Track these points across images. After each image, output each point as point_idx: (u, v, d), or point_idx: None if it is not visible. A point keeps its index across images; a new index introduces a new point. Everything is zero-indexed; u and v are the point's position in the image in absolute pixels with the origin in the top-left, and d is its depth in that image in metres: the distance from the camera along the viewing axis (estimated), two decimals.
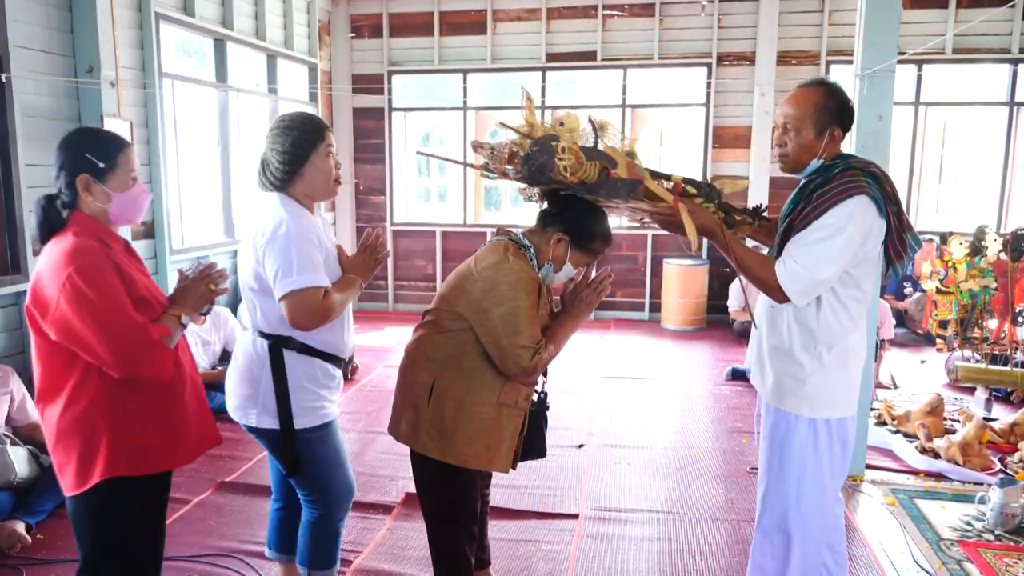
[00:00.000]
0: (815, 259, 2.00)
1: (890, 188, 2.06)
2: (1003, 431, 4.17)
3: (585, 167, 1.96)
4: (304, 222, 2.08)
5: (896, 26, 3.55)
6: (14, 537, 2.98)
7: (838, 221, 1.99)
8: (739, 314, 6.80)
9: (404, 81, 8.17)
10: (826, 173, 2.09)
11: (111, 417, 1.84)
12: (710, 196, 2.19)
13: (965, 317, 5.30)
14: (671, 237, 7.66)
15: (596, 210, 2.19)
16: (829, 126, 2.08)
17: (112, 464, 1.83)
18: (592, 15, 7.54)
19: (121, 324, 1.78)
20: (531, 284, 2.08)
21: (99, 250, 1.84)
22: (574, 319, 2.21)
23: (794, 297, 2.05)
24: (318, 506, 2.30)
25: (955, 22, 6.90)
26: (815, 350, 2.10)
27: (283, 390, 2.13)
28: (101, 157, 1.88)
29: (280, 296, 2.01)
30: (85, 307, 1.75)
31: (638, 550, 3.07)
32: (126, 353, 1.78)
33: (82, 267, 1.77)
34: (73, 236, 1.83)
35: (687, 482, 3.75)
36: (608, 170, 1.98)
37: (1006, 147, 7.19)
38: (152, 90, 5.01)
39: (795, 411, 2.15)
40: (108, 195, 1.90)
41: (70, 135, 1.92)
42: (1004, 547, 3.06)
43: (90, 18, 4.39)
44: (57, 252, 1.81)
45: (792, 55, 7.28)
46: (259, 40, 6.43)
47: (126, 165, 1.92)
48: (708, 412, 4.86)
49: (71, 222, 1.88)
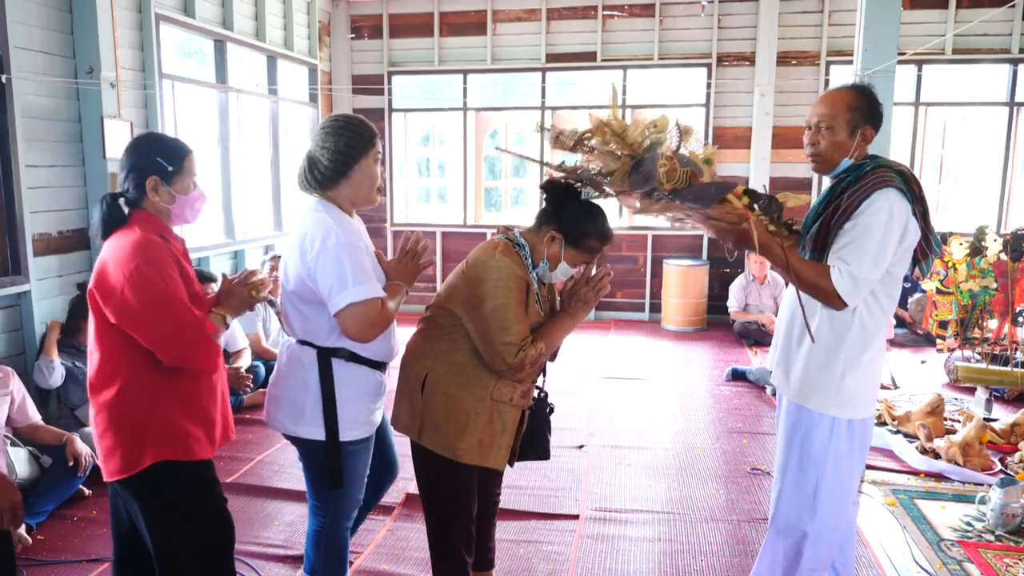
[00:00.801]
0: (862, 258, 2.01)
1: (918, 189, 2.09)
2: (1003, 431, 4.17)
3: (679, 175, 1.96)
4: (350, 230, 2.07)
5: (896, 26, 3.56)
6: (15, 538, 2.97)
7: (879, 218, 2.00)
8: (739, 314, 6.79)
9: (404, 82, 8.17)
10: (856, 172, 2.11)
11: (162, 403, 1.95)
12: (768, 210, 2.12)
13: (965, 317, 5.30)
14: (671, 237, 7.71)
15: (591, 208, 2.19)
16: (861, 125, 2.12)
17: (162, 447, 1.93)
18: (592, 15, 7.54)
19: (181, 315, 1.91)
20: (517, 281, 2.07)
21: (163, 245, 1.97)
22: (571, 317, 2.19)
23: (849, 300, 2.03)
24: (327, 516, 2.26)
25: (955, 22, 6.90)
26: (852, 349, 2.11)
27: (331, 401, 2.10)
28: (170, 161, 2.02)
29: (337, 311, 1.98)
30: (150, 296, 1.87)
31: (638, 551, 3.07)
32: (183, 343, 1.91)
33: (149, 259, 1.90)
34: (140, 231, 1.95)
35: (687, 482, 3.75)
36: (695, 176, 1.98)
37: (1006, 147, 7.19)
38: (152, 91, 5.01)
39: (820, 409, 2.15)
40: (173, 196, 2.04)
41: (142, 138, 2.09)
42: (1004, 547, 3.05)
43: (90, 19, 4.39)
44: (126, 243, 1.92)
45: (792, 55, 7.28)
46: (259, 41, 6.44)
47: (190, 170, 2.07)
48: (708, 413, 4.86)
49: (135, 219, 2.00)
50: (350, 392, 2.11)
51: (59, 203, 4.38)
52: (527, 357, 2.05)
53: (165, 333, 1.89)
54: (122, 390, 1.94)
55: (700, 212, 2.06)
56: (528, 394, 2.23)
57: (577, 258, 2.19)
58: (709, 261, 7.47)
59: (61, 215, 4.40)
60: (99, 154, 4.47)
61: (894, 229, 2.00)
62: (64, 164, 4.41)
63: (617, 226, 7.82)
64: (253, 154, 6.72)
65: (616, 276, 7.88)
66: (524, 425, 2.27)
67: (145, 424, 1.93)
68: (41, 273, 4.23)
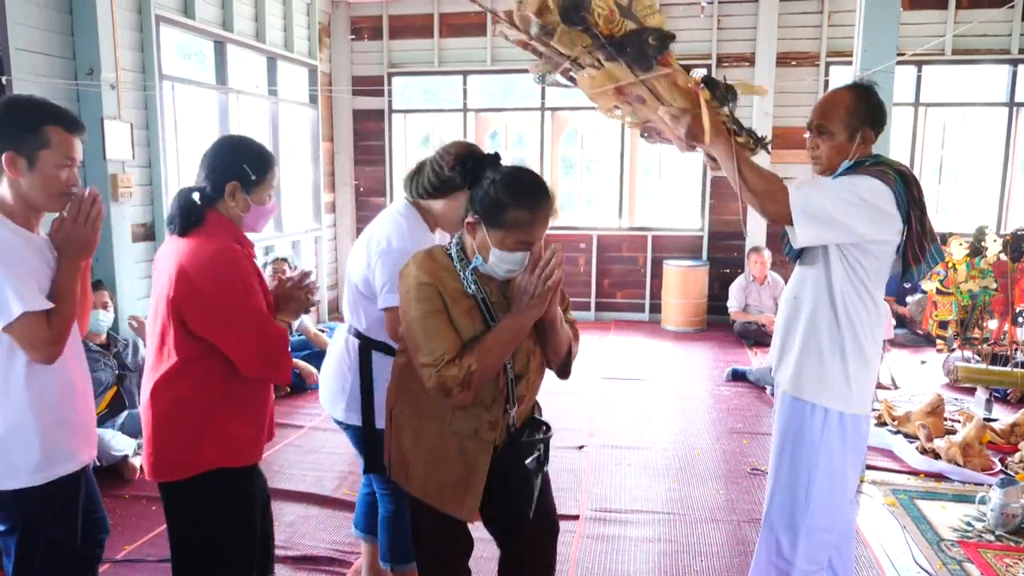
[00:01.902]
0: (828, 191, 2.02)
1: (917, 191, 2.08)
2: (1003, 431, 4.17)
3: (617, 21, 1.83)
4: (419, 238, 2.16)
5: (895, 27, 3.55)
6: None
7: (852, 180, 2.03)
8: (739, 315, 6.80)
9: (404, 83, 8.18)
10: (854, 168, 2.11)
11: (223, 410, 1.93)
12: (724, 100, 2.03)
13: (965, 318, 5.30)
14: (671, 238, 7.71)
15: (507, 173, 1.78)
16: (860, 128, 2.11)
17: (219, 454, 1.92)
18: None
19: (268, 329, 1.91)
20: (424, 290, 1.74)
21: (243, 255, 1.93)
22: (514, 318, 1.74)
23: (796, 216, 2.00)
24: (394, 499, 2.36)
25: (954, 23, 6.90)
26: (838, 340, 2.12)
27: (368, 389, 2.24)
28: (255, 170, 1.97)
29: (384, 307, 2.14)
30: (236, 304, 1.85)
31: (638, 551, 3.07)
32: (271, 356, 1.91)
33: (235, 271, 1.87)
34: (217, 237, 1.91)
35: (687, 483, 3.75)
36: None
37: (1006, 148, 7.19)
38: (152, 92, 5.02)
39: (813, 399, 2.15)
40: (248, 205, 1.99)
41: (231, 141, 2.06)
42: (1005, 547, 3.05)
43: (90, 20, 4.40)
44: (207, 252, 1.87)
45: (792, 56, 7.28)
46: (259, 42, 6.44)
47: (270, 182, 2.02)
48: (708, 413, 4.86)
49: (209, 220, 1.94)
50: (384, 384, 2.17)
51: None
52: (448, 378, 1.68)
53: (253, 347, 1.88)
54: (187, 395, 1.90)
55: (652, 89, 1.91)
56: (497, 425, 1.84)
57: (507, 239, 1.72)
58: (709, 262, 7.47)
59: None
60: (99, 155, 4.47)
61: (861, 193, 1.99)
62: None
63: (617, 226, 7.84)
64: None
65: (616, 276, 7.98)
66: (506, 468, 1.85)
67: (203, 430, 1.90)
68: None
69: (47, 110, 1.80)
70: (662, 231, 7.77)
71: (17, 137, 1.74)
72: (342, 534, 3.17)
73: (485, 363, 1.71)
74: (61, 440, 1.85)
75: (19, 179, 1.77)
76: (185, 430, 1.90)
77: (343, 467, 3.91)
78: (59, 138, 1.78)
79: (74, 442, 1.89)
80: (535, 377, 1.91)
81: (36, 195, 1.79)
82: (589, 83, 1.98)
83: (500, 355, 1.74)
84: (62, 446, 1.85)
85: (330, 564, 2.96)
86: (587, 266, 7.84)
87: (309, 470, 3.88)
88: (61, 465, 1.85)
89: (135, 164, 4.85)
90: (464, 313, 1.76)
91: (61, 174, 1.80)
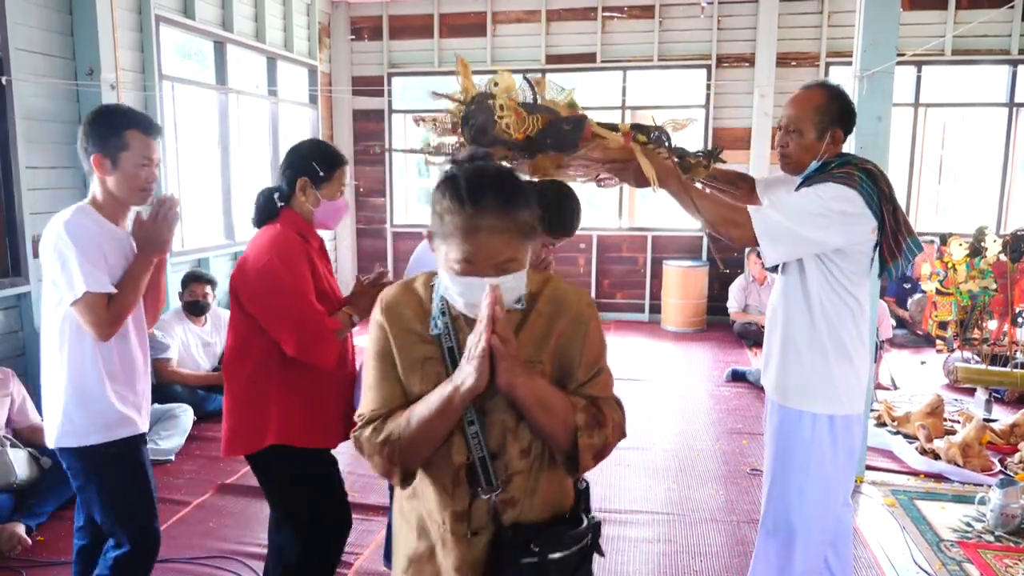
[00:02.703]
0: (790, 210, 2.02)
1: (886, 187, 2.07)
2: (1003, 432, 4.17)
3: (527, 121, 1.87)
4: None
5: (895, 27, 3.55)
6: (14, 539, 2.98)
7: (817, 191, 2.03)
8: (739, 315, 6.80)
9: (404, 83, 8.18)
10: (822, 170, 2.11)
11: (284, 391, 2.09)
12: (659, 140, 2.08)
13: (965, 318, 5.30)
14: (671, 238, 7.71)
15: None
16: (830, 128, 2.11)
17: (280, 432, 2.07)
18: (592, 17, 7.55)
19: (305, 309, 2.03)
20: (373, 328, 1.37)
21: (298, 243, 2.10)
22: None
23: (762, 239, 2.02)
24: None
25: (954, 23, 6.90)
26: (818, 344, 2.12)
27: None
28: (322, 167, 2.15)
29: None
30: (278, 288, 2.02)
31: (638, 551, 3.07)
32: (305, 335, 2.03)
33: (282, 254, 2.05)
34: (280, 227, 2.11)
35: (687, 483, 3.75)
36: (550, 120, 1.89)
37: (1005, 148, 7.19)
38: (152, 92, 5.02)
39: (798, 406, 2.16)
40: (319, 200, 2.17)
41: (304, 143, 2.22)
42: (1004, 548, 3.05)
43: (90, 21, 4.40)
44: (264, 240, 2.09)
45: (792, 56, 7.28)
46: (259, 42, 6.44)
47: (340, 179, 2.19)
48: (708, 413, 4.86)
49: (282, 216, 2.15)
50: None
51: (59, 204, 4.31)
52: (363, 443, 1.33)
53: (288, 326, 2.02)
54: (251, 374, 2.10)
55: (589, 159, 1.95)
56: (463, 517, 1.32)
57: (449, 256, 1.24)
58: (709, 262, 7.47)
59: None
60: None
61: (828, 203, 1.99)
62: (64, 166, 4.41)
63: (617, 227, 7.84)
64: (253, 156, 6.73)
65: (616, 277, 7.99)
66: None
67: (267, 408, 2.07)
68: (41, 274, 4.21)
69: (127, 116, 2.05)
70: (662, 231, 7.77)
71: (103, 141, 2.00)
72: None
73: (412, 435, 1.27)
74: (123, 407, 2.07)
75: (106, 177, 2.03)
76: (249, 408, 2.10)
77: (343, 467, 3.89)
78: (137, 141, 2.02)
79: (134, 410, 2.11)
80: (519, 464, 1.33)
81: (120, 191, 2.04)
82: (533, 170, 2.01)
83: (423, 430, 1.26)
84: (124, 412, 2.07)
85: None
86: (587, 266, 7.85)
87: None
88: (123, 428, 2.07)
89: None
90: (414, 363, 1.32)
91: (141, 172, 2.04)
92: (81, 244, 1.95)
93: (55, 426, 2.03)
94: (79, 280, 1.92)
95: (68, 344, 2.01)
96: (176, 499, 3.46)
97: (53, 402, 2.05)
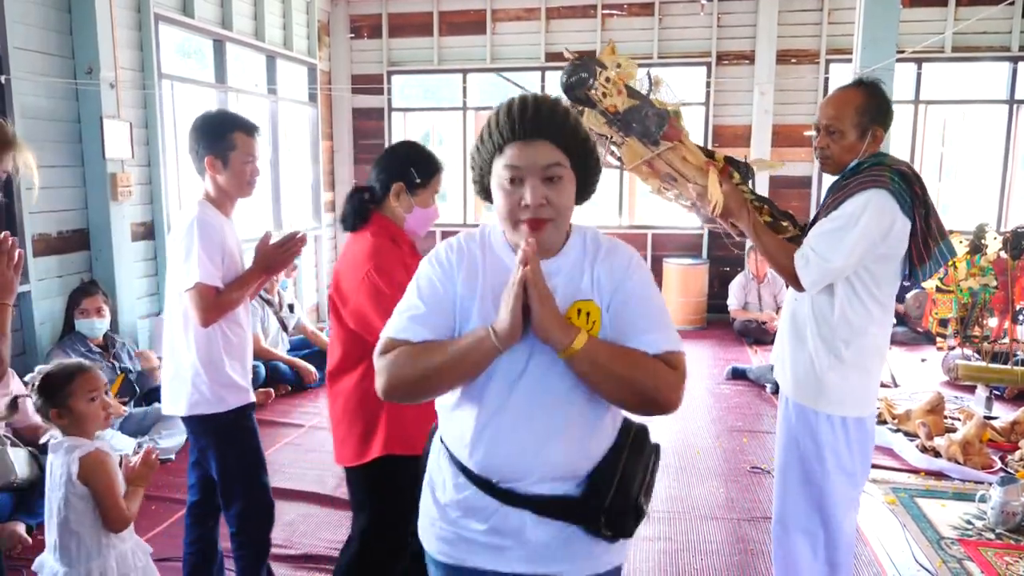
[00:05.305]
0: (828, 246, 2.03)
1: (920, 190, 2.06)
2: (1004, 429, 4.17)
3: (614, 97, 1.99)
4: None
5: (895, 24, 3.55)
6: (14, 538, 2.98)
7: (853, 211, 2.02)
8: (739, 313, 6.79)
9: (404, 81, 8.17)
10: (855, 170, 2.11)
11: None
12: (745, 177, 2.24)
13: (965, 315, 5.29)
14: (671, 236, 7.70)
15: None
16: (870, 127, 2.11)
17: (388, 442, 2.05)
18: (591, 14, 7.54)
19: None
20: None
21: (392, 250, 2.07)
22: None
23: (807, 284, 2.08)
24: None
25: (955, 20, 6.89)
26: (833, 345, 2.12)
27: None
28: (421, 173, 2.13)
29: None
30: (380, 302, 1.95)
31: (638, 549, 3.07)
32: None
33: (379, 265, 2.01)
34: (372, 236, 2.08)
35: (687, 481, 3.75)
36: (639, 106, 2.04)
37: (1006, 145, 7.18)
38: (151, 91, 5.01)
39: (813, 406, 2.16)
40: (412, 206, 2.15)
41: (402, 145, 2.23)
42: (1005, 545, 3.05)
43: (89, 19, 4.39)
44: (359, 250, 2.07)
45: (792, 53, 7.27)
46: (258, 41, 6.43)
47: (434, 187, 2.18)
48: (708, 411, 4.86)
49: (372, 220, 2.13)
50: None
51: (59, 204, 4.38)
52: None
53: None
54: (357, 386, 2.08)
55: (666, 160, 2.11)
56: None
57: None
58: (709, 260, 7.47)
59: (61, 215, 4.39)
60: (98, 154, 4.47)
61: (868, 225, 2.00)
62: (63, 164, 4.41)
63: (617, 224, 7.83)
64: None
65: None
66: None
67: (376, 419, 2.05)
68: (41, 274, 4.24)
69: (231, 120, 2.29)
70: (662, 229, 7.76)
71: (213, 144, 2.25)
72: (342, 533, 3.16)
73: None
74: (240, 379, 2.33)
75: (216, 176, 2.28)
76: (357, 419, 2.08)
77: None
78: (242, 141, 2.27)
79: (246, 382, 2.36)
80: None
81: (230, 186, 2.30)
82: (625, 157, 2.18)
83: None
84: (241, 383, 2.33)
85: (330, 563, 2.96)
86: None
87: (309, 469, 3.88)
88: (239, 397, 2.33)
89: (134, 163, 4.85)
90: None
91: (247, 168, 2.29)
92: (204, 239, 2.18)
93: (184, 396, 2.27)
94: (195, 270, 2.15)
95: (194, 325, 2.22)
96: (177, 498, 3.46)
97: (180, 377, 2.28)
